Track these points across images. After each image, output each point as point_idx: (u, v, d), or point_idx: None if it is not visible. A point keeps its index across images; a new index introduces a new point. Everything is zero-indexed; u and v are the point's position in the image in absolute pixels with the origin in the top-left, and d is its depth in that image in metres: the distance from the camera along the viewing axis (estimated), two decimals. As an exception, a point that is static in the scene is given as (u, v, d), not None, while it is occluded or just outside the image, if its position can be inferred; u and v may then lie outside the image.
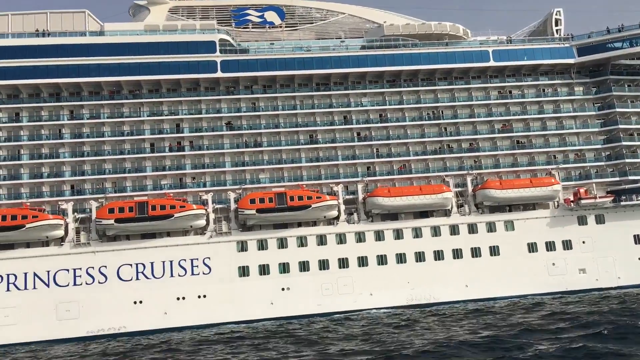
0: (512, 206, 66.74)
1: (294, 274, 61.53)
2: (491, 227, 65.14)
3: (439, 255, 63.79)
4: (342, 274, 62.19)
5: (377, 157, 68.61)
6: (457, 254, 64.03)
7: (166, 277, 59.81)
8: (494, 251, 64.54)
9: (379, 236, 63.73)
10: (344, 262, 62.59)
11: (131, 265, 59.53)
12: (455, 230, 64.76)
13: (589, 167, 70.14)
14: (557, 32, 75.71)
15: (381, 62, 69.77)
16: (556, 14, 76.52)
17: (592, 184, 68.61)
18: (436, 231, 64.48)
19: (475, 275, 63.18)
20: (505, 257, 64.23)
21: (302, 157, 67.68)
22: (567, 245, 65.86)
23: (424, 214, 65.19)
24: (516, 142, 71.05)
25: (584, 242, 66.17)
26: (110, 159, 64.51)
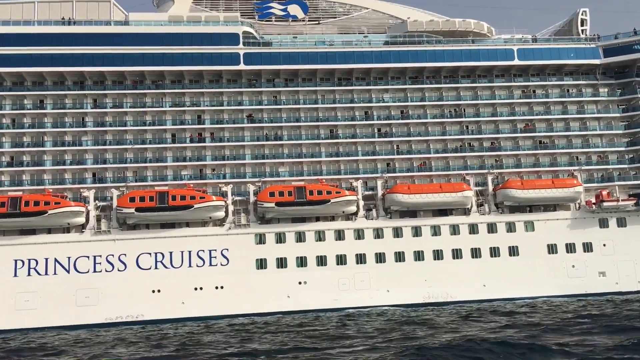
0: (532, 207, 66.19)
1: (311, 268, 61.57)
2: (511, 227, 64.69)
3: (457, 253, 63.48)
4: (359, 269, 62.13)
5: (397, 154, 68.40)
6: (476, 253, 63.68)
7: (184, 267, 60.17)
8: (513, 251, 64.09)
9: (397, 233, 63.57)
10: (361, 258, 62.54)
11: (150, 254, 59.95)
12: (474, 229, 64.39)
13: (611, 169, 69.31)
14: (582, 32, 74.90)
15: (404, 58, 69.44)
16: (582, 14, 75.72)
17: (615, 187, 67.77)
18: (455, 230, 64.16)
19: (493, 275, 62.80)
20: (524, 258, 63.76)
21: (322, 152, 67.63)
22: (588, 247, 65.24)
23: (442, 212, 64.89)
24: (538, 142, 70.42)
25: (604, 245, 65.49)
26: (132, 148, 64.94)
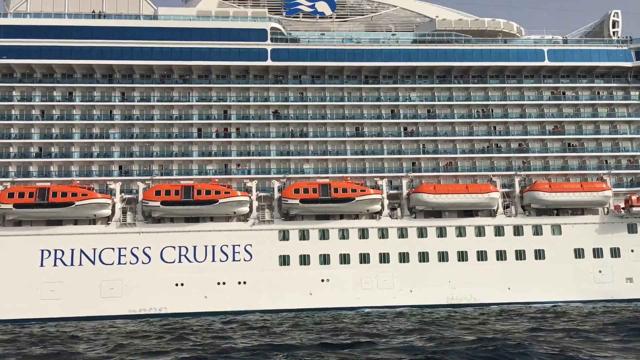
0: (559, 210, 65.24)
1: (334, 265, 61.36)
2: (537, 230, 63.84)
3: (482, 255, 62.80)
4: (382, 268, 61.77)
5: (423, 153, 67.88)
6: (501, 255, 62.93)
7: (208, 261, 60.32)
8: (540, 255, 63.23)
9: (422, 233, 63.07)
10: (384, 257, 62.16)
11: (174, 247, 60.20)
12: (500, 231, 63.63)
13: (642, 173, 68.17)
14: (614, 34, 73.57)
15: (432, 57, 68.86)
16: (614, 16, 74.40)
17: (645, 192, 66.63)
18: (480, 231, 63.48)
19: (518, 278, 62.01)
20: (550, 262, 62.87)
21: (348, 149, 67.37)
22: (615, 253, 64.13)
23: (468, 213, 64.23)
24: (567, 145, 69.38)
25: (632, 250, 64.36)
26: (158, 142, 65.27)
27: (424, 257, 62.42)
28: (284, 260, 61.21)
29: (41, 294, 57.52)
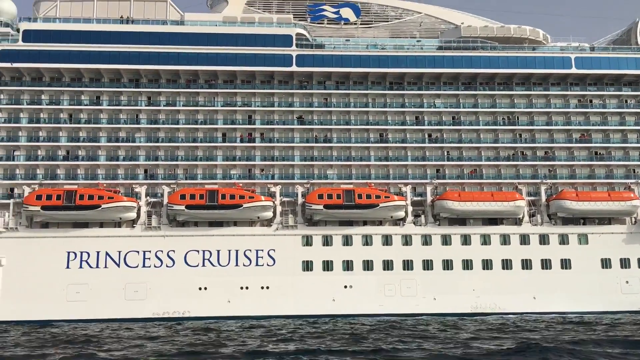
0: (586, 219, 64.38)
1: (357, 272, 61.15)
2: (564, 239, 63.09)
3: (507, 264, 62.17)
4: (406, 275, 61.41)
5: (447, 160, 67.50)
6: (527, 264, 62.27)
7: (231, 265, 60.46)
8: (566, 264, 62.46)
9: (446, 240, 62.63)
10: (408, 264, 61.81)
11: (198, 251, 60.44)
12: (525, 239, 62.98)
13: (670, 183, 66.97)
14: (642, 42, 72.66)
15: (458, 64, 68.52)
16: (641, 23, 73.47)
17: (674, 202, 65.39)
18: (505, 239, 62.88)
19: (544, 287, 61.31)
20: (577, 272, 62.09)
21: (372, 156, 67.24)
22: (643, 263, 63.14)
23: (493, 221, 63.66)
24: (594, 153, 68.54)
25: (660, 261, 63.28)
26: (183, 146, 65.71)
27: (448, 264, 61.96)
28: (307, 265, 61.13)
29: (67, 295, 58.10)
